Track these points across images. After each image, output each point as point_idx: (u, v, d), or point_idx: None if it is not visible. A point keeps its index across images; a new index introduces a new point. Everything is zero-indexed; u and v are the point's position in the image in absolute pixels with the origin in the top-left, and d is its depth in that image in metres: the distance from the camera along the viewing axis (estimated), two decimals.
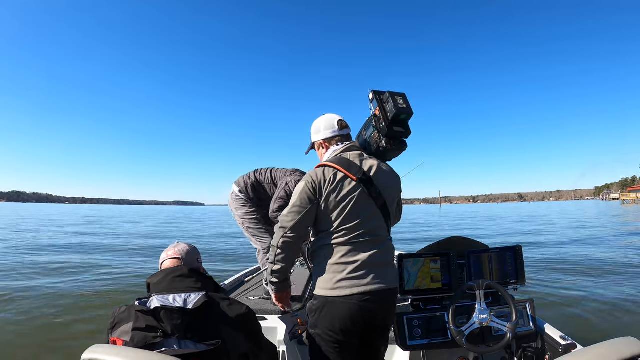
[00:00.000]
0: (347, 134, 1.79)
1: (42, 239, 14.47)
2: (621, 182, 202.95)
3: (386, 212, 1.68)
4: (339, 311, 1.53)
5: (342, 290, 1.53)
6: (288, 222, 1.59)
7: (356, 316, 1.53)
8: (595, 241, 12.63)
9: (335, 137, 1.76)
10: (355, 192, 1.59)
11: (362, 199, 1.60)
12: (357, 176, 1.60)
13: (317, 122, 1.82)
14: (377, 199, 1.64)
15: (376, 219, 1.64)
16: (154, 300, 1.25)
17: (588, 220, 24.01)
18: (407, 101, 1.70)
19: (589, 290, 5.71)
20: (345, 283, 1.53)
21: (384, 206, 1.66)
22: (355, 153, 1.70)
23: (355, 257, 1.57)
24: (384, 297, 1.59)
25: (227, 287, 3.39)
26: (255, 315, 1.38)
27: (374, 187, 1.63)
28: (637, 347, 1.01)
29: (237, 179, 3.24)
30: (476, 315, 1.90)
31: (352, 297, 1.52)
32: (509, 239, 14.76)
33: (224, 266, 8.84)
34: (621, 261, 8.12)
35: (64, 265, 8.55)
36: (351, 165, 1.63)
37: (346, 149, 1.72)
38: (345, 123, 1.80)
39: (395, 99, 1.67)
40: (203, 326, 1.21)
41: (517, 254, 2.27)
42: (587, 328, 4.13)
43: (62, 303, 5.43)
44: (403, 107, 1.66)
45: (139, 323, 1.16)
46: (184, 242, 1.55)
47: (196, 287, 1.30)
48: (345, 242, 1.58)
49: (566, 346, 1.97)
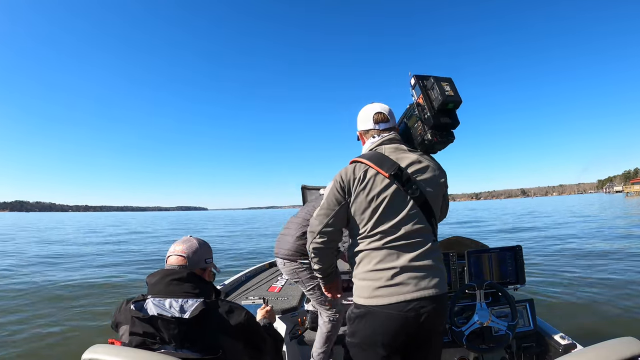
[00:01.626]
0: (384, 128, 1.59)
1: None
2: (624, 175, 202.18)
3: (429, 212, 1.48)
4: (379, 322, 1.39)
5: (381, 299, 1.38)
6: (316, 226, 1.49)
7: (400, 327, 1.38)
8: (600, 238, 12.57)
9: (370, 130, 1.60)
10: (388, 190, 1.43)
11: (397, 198, 1.43)
12: (389, 172, 1.43)
13: (359, 114, 1.66)
14: (417, 198, 1.45)
15: (416, 220, 1.45)
16: (150, 303, 1.20)
17: (596, 216, 23.85)
18: (455, 87, 1.48)
19: (589, 290, 5.67)
20: (384, 291, 1.38)
21: (425, 205, 1.47)
22: (392, 146, 1.52)
23: (395, 262, 1.41)
24: (430, 306, 1.39)
25: (227, 287, 3.39)
26: (255, 319, 1.35)
27: (412, 184, 1.45)
28: (637, 347, 1.01)
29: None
30: (476, 315, 1.90)
31: (392, 307, 1.37)
32: (509, 237, 14.72)
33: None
34: (622, 261, 8.06)
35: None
36: (384, 160, 1.46)
37: (382, 142, 1.54)
38: (382, 115, 1.59)
39: (442, 85, 1.46)
40: (201, 336, 1.18)
41: (517, 254, 2.27)
42: (587, 328, 4.10)
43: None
44: (450, 94, 1.44)
45: (136, 328, 1.16)
46: (195, 238, 1.43)
47: (194, 293, 1.25)
48: (381, 246, 1.42)
49: (566, 346, 1.97)
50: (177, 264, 1.33)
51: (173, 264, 1.34)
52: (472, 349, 1.88)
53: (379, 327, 1.39)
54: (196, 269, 1.35)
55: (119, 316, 1.27)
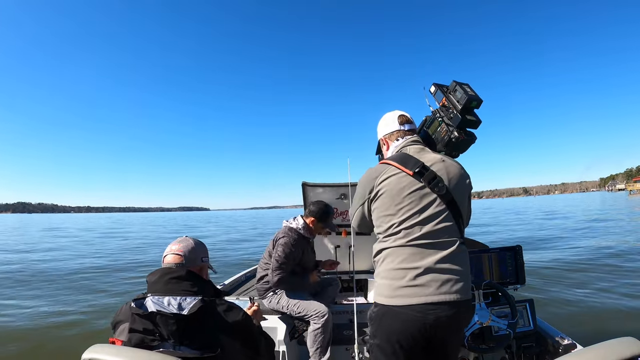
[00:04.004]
0: (409, 128, 1.61)
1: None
2: (626, 173, 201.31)
3: (456, 211, 1.42)
4: (399, 322, 1.34)
5: (402, 299, 1.33)
6: (353, 222, 1.61)
7: (417, 330, 1.33)
8: (602, 238, 12.50)
9: (394, 132, 1.61)
10: (412, 188, 1.40)
11: (421, 196, 1.39)
12: (413, 170, 1.40)
13: (380, 121, 1.69)
14: (443, 195, 1.40)
15: (443, 219, 1.39)
16: (149, 301, 1.22)
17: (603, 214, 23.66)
18: (474, 90, 1.58)
19: (589, 290, 5.66)
20: (406, 291, 1.34)
21: (452, 203, 1.41)
22: (416, 147, 1.53)
23: (418, 262, 1.35)
24: (451, 311, 1.33)
25: (227, 287, 3.39)
26: (252, 320, 1.36)
27: (437, 181, 1.40)
28: (637, 347, 1.00)
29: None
30: (476, 315, 1.89)
31: (413, 308, 1.31)
32: (511, 236, 14.68)
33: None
34: (622, 261, 8.02)
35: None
36: (408, 159, 1.45)
37: (407, 144, 1.55)
38: (406, 117, 1.62)
39: (464, 87, 1.56)
40: (199, 333, 1.20)
41: (517, 254, 2.27)
42: (587, 328, 4.09)
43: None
44: (473, 94, 1.53)
45: (136, 325, 1.18)
46: (191, 237, 1.47)
47: (192, 291, 1.27)
48: (405, 244, 1.38)
49: (566, 346, 1.96)
50: (174, 263, 1.36)
51: (170, 262, 1.37)
52: (473, 349, 1.88)
53: (398, 327, 1.35)
54: (192, 267, 1.38)
55: (119, 316, 1.30)
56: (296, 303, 2.48)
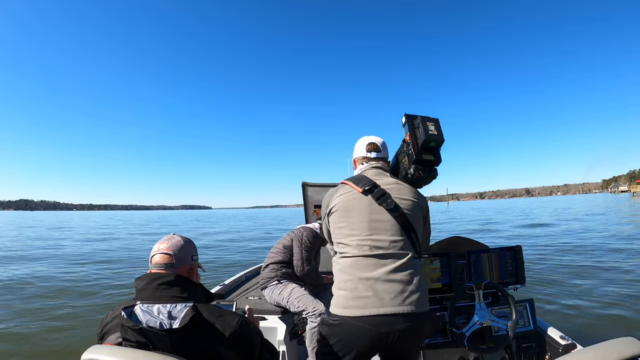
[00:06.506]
0: (374, 157, 1.71)
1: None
2: (629, 175, 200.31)
3: (408, 226, 1.49)
4: (350, 334, 1.37)
5: (354, 310, 1.37)
6: (325, 234, 1.73)
7: (368, 342, 1.35)
8: (602, 237, 12.46)
9: (360, 158, 1.74)
10: (362, 204, 1.51)
11: (370, 210, 1.49)
12: (363, 188, 1.52)
13: (355, 144, 1.81)
14: (392, 210, 1.49)
15: (393, 233, 1.47)
16: (138, 310, 1.16)
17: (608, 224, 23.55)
18: (439, 127, 1.59)
19: (589, 290, 5.63)
20: (357, 302, 1.38)
21: (402, 217, 1.49)
22: (375, 171, 1.64)
23: (370, 273, 1.41)
24: (404, 324, 1.36)
25: (227, 287, 3.37)
26: (249, 324, 1.27)
27: (387, 197, 1.50)
28: (637, 347, 1.00)
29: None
30: (476, 315, 1.89)
31: (365, 320, 1.35)
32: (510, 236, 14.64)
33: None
34: (623, 260, 7.98)
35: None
36: (362, 179, 1.57)
37: (368, 168, 1.67)
38: (374, 145, 1.72)
39: (427, 124, 1.57)
40: (192, 344, 1.13)
41: (517, 254, 2.26)
42: (587, 328, 4.08)
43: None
44: (433, 134, 1.55)
45: (129, 336, 1.12)
46: (179, 235, 1.38)
47: (182, 297, 1.19)
48: (356, 255, 1.45)
49: (566, 346, 1.95)
50: (163, 262, 1.27)
51: (159, 262, 1.27)
52: (473, 349, 1.87)
53: (349, 339, 1.37)
54: (182, 266, 1.30)
55: (107, 326, 1.23)
56: (298, 296, 2.49)
